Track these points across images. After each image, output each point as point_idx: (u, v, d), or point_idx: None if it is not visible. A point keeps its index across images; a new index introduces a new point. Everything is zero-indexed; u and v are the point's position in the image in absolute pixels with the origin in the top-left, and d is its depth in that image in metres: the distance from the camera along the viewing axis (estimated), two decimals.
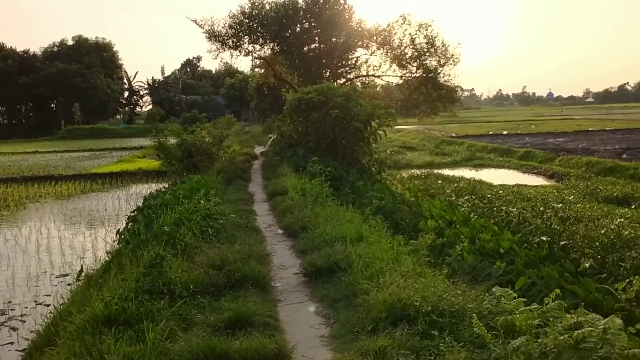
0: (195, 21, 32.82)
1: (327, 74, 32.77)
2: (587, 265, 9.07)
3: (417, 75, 32.01)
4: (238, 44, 33.25)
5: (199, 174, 17.15)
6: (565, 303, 6.11)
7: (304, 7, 32.34)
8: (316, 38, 32.88)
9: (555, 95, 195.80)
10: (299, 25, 32.52)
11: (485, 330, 4.64)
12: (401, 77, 32.95)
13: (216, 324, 5.76)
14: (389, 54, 32.06)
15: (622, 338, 4.25)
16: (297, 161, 17.98)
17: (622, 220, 12.90)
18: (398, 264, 7.05)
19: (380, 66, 33.31)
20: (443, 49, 31.25)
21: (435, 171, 25.46)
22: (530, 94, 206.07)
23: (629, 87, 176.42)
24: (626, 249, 10.36)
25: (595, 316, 4.79)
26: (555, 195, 17.30)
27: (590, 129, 46.60)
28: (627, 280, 8.08)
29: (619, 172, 21.38)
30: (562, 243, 10.71)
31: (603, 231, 11.47)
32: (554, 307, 5.03)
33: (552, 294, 5.27)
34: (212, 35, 32.76)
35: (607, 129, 46.27)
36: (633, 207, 15.10)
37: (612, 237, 11.00)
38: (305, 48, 32.55)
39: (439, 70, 31.36)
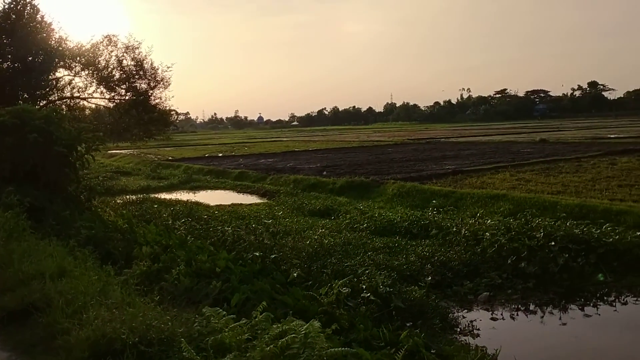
0: None
1: (25, 95, 29.58)
2: (295, 275, 9.71)
3: (127, 97, 30.97)
4: None
5: None
6: (276, 314, 6.37)
7: None
8: (9, 56, 29.44)
9: (265, 119, 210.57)
10: None
11: (195, 353, 4.52)
12: (110, 99, 31.53)
13: None
14: (95, 76, 30.39)
15: (321, 340, 4.53)
16: None
17: (324, 230, 14.23)
18: (105, 297, 6.54)
19: (86, 88, 31.40)
20: (152, 71, 30.90)
21: (152, 195, 24.78)
22: (243, 117, 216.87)
23: (326, 112, 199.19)
24: (327, 256, 11.42)
25: (299, 322, 5.03)
26: (267, 211, 18.30)
27: (296, 150, 50.67)
28: (329, 284, 8.88)
29: (321, 188, 23.62)
30: (273, 256, 11.29)
31: (308, 242, 12.47)
32: (261, 319, 5.15)
33: (260, 307, 5.41)
34: None
35: (310, 149, 50.90)
36: (332, 217, 16.78)
37: (315, 246, 12.03)
38: None
39: (149, 93, 30.88)
